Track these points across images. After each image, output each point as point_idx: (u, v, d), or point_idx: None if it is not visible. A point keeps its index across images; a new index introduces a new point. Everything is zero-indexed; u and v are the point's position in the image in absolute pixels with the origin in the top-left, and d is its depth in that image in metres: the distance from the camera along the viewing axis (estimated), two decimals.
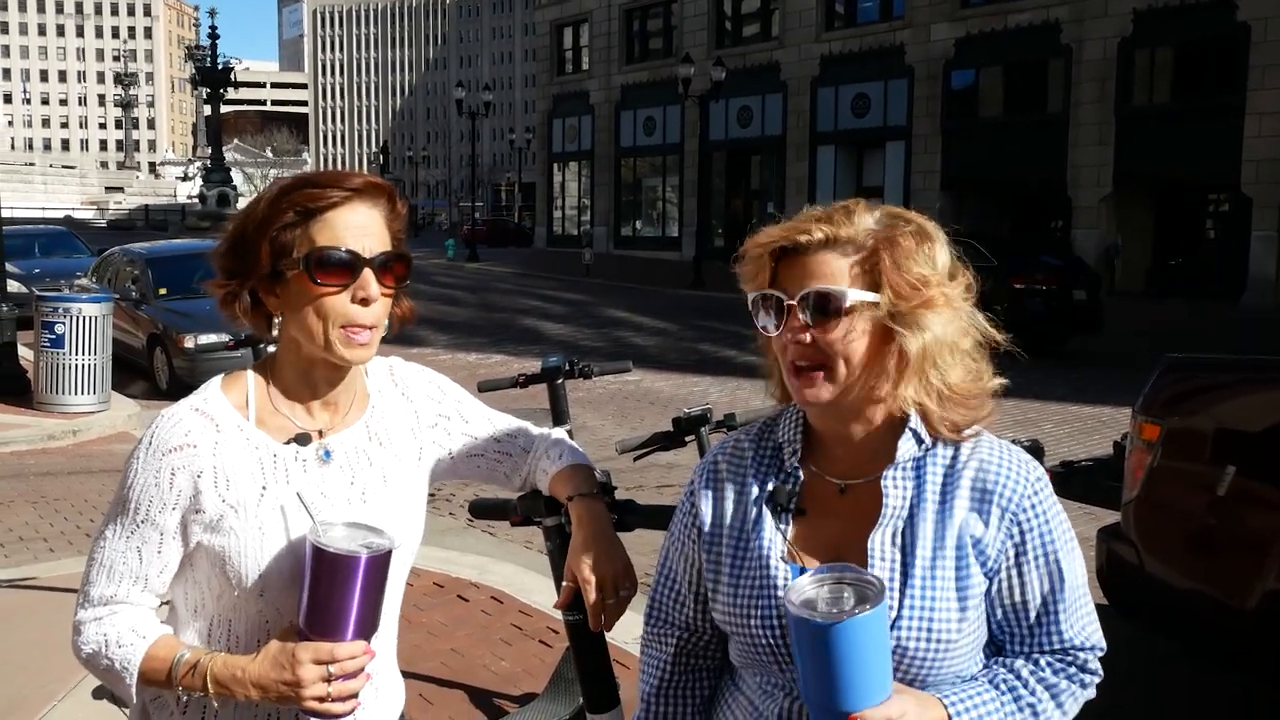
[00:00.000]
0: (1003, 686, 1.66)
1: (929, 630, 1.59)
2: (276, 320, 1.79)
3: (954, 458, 1.67)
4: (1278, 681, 4.12)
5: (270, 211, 1.74)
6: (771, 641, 1.65)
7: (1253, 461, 4.18)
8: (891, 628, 1.58)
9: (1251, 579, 4.06)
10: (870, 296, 1.59)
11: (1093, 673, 1.70)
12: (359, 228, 1.74)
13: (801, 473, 1.72)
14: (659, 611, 1.87)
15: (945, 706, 1.60)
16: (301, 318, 1.74)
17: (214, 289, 1.80)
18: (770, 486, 1.73)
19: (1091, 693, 1.71)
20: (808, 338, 1.60)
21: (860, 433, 1.68)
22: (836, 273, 1.60)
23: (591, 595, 1.88)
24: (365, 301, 1.73)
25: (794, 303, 1.61)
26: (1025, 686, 1.66)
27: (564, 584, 1.97)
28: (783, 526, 1.70)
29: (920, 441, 1.66)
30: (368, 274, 1.73)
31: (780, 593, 1.64)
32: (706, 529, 1.76)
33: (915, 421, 1.65)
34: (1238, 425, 4.42)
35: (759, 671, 1.71)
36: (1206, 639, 4.45)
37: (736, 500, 1.75)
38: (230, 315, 1.81)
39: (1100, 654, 1.71)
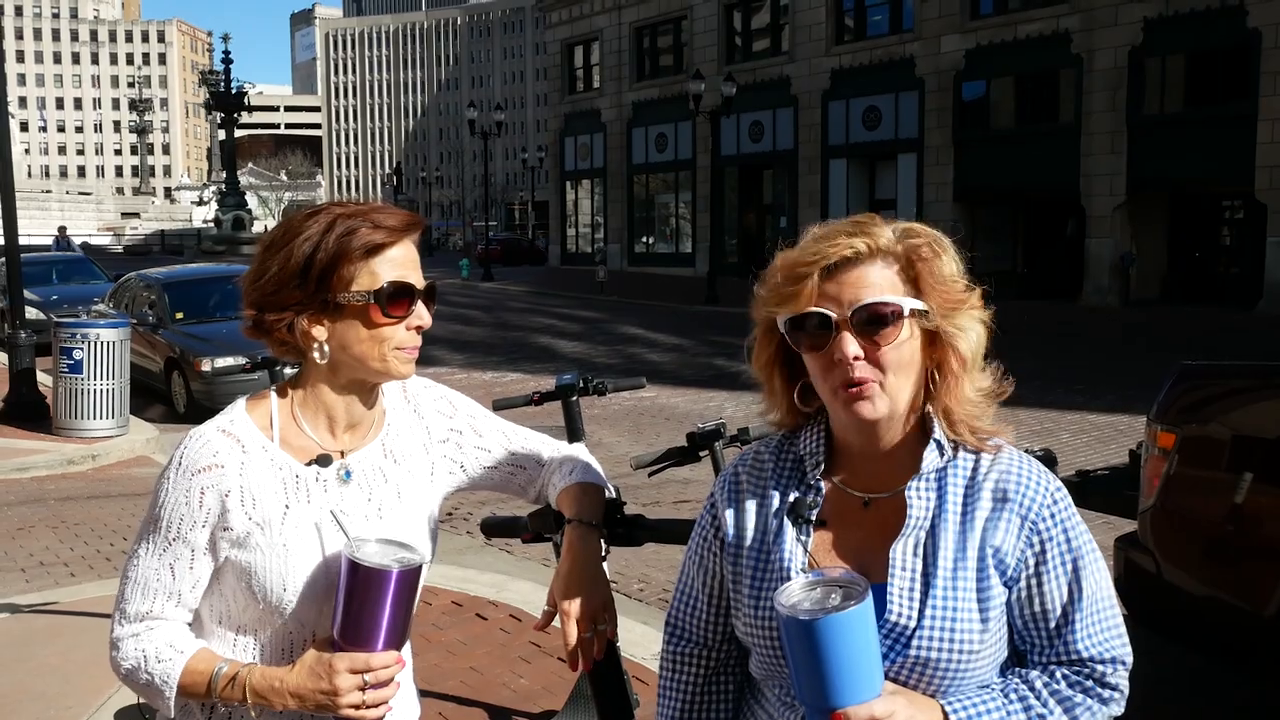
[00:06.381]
0: (1013, 696, 1.63)
1: (951, 640, 1.58)
2: (318, 346, 1.83)
3: (975, 468, 1.67)
4: None
5: (339, 249, 1.80)
6: None
7: (1269, 468, 4.17)
8: (912, 638, 1.59)
9: (1269, 586, 4.05)
10: (920, 304, 1.62)
11: (1113, 687, 1.66)
12: (411, 262, 1.86)
13: (824, 485, 1.72)
14: (680, 630, 1.87)
15: (946, 712, 1.59)
16: (359, 343, 1.83)
17: (254, 317, 1.84)
18: (791, 498, 1.73)
19: (1116, 709, 1.67)
20: (862, 351, 1.60)
21: (889, 445, 1.68)
22: (884, 283, 1.61)
23: (570, 631, 1.92)
24: (419, 329, 1.86)
25: (845, 317, 1.60)
26: (1038, 698, 1.63)
27: (544, 608, 2.02)
28: (804, 538, 1.69)
29: (943, 452, 1.67)
30: (421, 305, 1.85)
31: None
32: (730, 541, 1.76)
33: (939, 433, 1.66)
34: (1253, 432, 4.41)
35: (779, 683, 1.71)
36: (1225, 646, 4.44)
37: (758, 512, 1.75)
38: (271, 345, 1.87)
39: (1125, 668, 1.68)
